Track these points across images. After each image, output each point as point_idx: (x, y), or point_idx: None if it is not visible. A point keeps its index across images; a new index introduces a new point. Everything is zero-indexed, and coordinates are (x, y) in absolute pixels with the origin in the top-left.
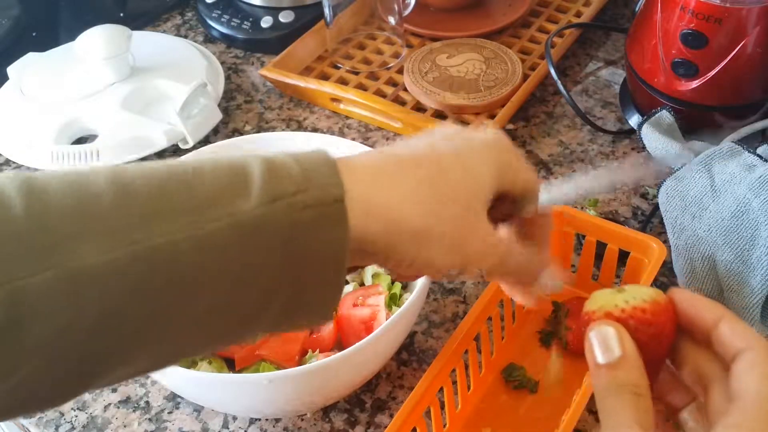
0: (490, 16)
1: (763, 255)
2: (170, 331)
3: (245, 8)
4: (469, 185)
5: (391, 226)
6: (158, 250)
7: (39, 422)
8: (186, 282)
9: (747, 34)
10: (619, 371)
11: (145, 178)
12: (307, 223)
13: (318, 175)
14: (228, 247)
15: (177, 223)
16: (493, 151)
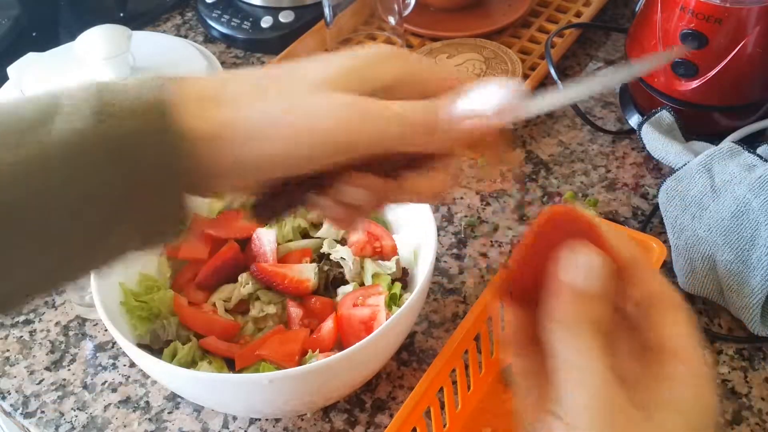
0: (490, 16)
1: (763, 255)
2: (9, 257)
3: (245, 8)
4: (302, 76)
5: (225, 125)
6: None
7: (39, 422)
8: (11, 211)
9: (747, 34)
10: (592, 304)
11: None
12: (132, 133)
13: (143, 88)
14: (49, 170)
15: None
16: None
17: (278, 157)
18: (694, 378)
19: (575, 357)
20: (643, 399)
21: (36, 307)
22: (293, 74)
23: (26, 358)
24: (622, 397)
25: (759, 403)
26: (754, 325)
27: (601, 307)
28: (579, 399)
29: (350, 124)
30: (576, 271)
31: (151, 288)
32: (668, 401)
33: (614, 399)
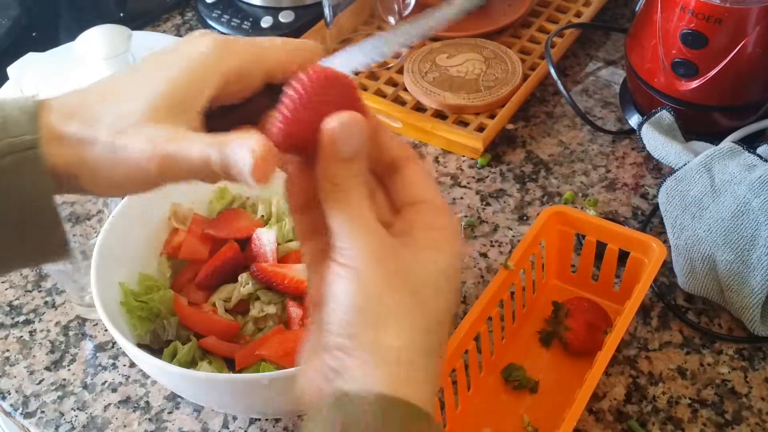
0: (490, 16)
1: (763, 255)
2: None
3: (245, 8)
4: (152, 84)
5: (79, 161)
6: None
7: (39, 422)
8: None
9: (747, 34)
10: (356, 163)
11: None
12: (8, 169)
13: (14, 124)
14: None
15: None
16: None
17: (120, 187)
18: (443, 221)
19: (345, 209)
20: (406, 242)
21: (36, 308)
22: (126, 96)
23: (26, 358)
24: (390, 239)
25: (759, 403)
26: (754, 325)
27: (362, 165)
28: (353, 243)
29: (148, 169)
30: (341, 136)
31: (151, 288)
32: (425, 240)
33: (383, 240)
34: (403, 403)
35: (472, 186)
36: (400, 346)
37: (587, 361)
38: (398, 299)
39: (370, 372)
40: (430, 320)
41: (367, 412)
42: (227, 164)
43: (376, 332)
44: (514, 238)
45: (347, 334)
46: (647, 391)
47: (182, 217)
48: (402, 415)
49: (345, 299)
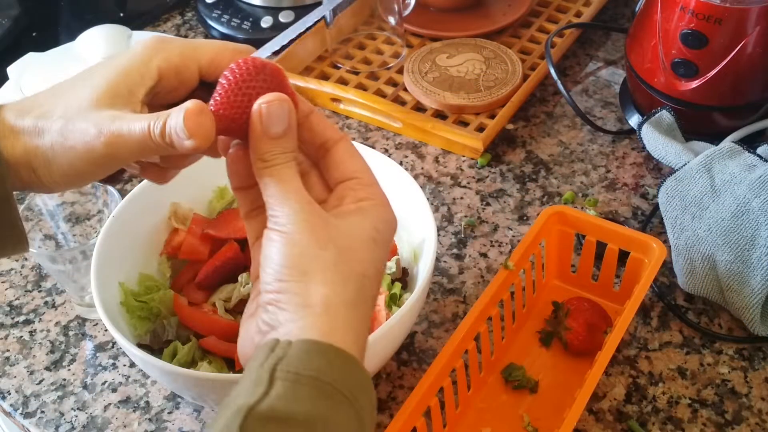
0: (490, 16)
1: (763, 255)
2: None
3: (245, 8)
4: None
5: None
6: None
7: (39, 422)
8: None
9: (747, 34)
10: (284, 140)
11: None
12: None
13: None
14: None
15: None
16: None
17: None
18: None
19: (277, 182)
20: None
21: (36, 308)
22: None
23: (26, 358)
24: (319, 208)
25: (759, 403)
26: (754, 325)
27: (291, 142)
28: (283, 210)
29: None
30: (268, 115)
31: (151, 288)
32: (354, 209)
33: (312, 207)
34: (326, 346)
35: (472, 186)
36: (325, 297)
37: (587, 361)
38: (324, 256)
39: (297, 321)
40: (354, 275)
41: (292, 355)
42: (165, 131)
43: (304, 285)
44: (514, 238)
45: (278, 289)
46: (647, 391)
47: (182, 217)
48: (324, 355)
49: (276, 258)
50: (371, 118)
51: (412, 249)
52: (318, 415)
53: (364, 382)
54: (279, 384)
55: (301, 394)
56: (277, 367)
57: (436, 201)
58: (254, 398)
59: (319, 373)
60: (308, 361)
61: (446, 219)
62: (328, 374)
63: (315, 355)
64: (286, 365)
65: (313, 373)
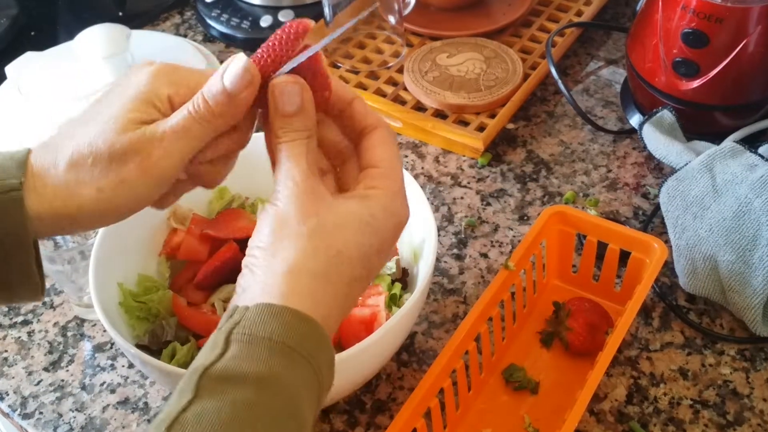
0: (491, 15)
1: (764, 255)
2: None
3: (244, 7)
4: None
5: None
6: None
7: (37, 423)
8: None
9: (748, 34)
10: (296, 119)
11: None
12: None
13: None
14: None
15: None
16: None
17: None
18: (387, 182)
19: (286, 157)
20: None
21: (34, 308)
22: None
23: (24, 359)
24: (318, 186)
25: (761, 403)
26: (756, 326)
27: (301, 121)
28: (282, 187)
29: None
30: (282, 93)
31: (150, 288)
32: (360, 194)
33: (308, 184)
34: (280, 308)
35: (473, 186)
36: (290, 262)
37: (588, 361)
38: (304, 227)
39: (260, 283)
40: (330, 248)
41: (248, 318)
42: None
43: (275, 251)
44: (515, 238)
45: (254, 254)
46: (648, 391)
47: (181, 217)
48: (278, 316)
49: (262, 226)
50: None
51: (412, 249)
52: (271, 374)
53: (321, 341)
54: (234, 346)
55: (255, 355)
56: (233, 331)
57: (436, 201)
58: (210, 359)
59: (273, 334)
60: (262, 324)
61: (446, 219)
62: (283, 335)
63: (269, 317)
64: (242, 328)
65: (267, 334)
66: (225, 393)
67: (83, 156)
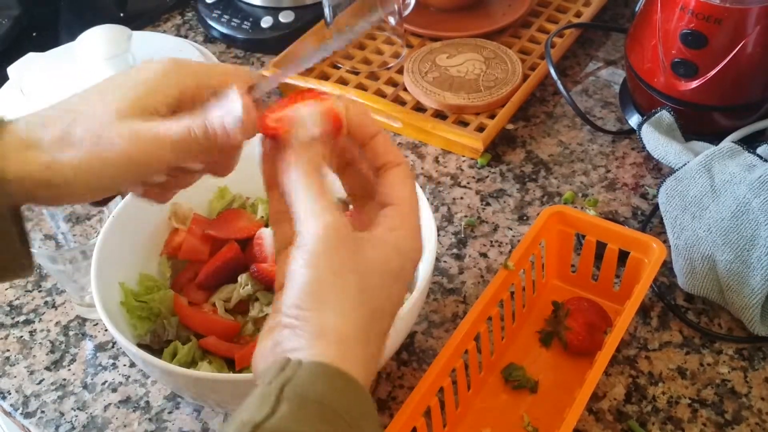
0: (490, 16)
1: (763, 255)
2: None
3: (245, 8)
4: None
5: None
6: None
7: (39, 422)
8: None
9: (747, 34)
10: (312, 148)
11: None
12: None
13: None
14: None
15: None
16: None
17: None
18: (408, 223)
19: (306, 188)
20: (369, 237)
21: (36, 307)
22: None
23: (26, 358)
24: (348, 228)
25: (759, 403)
26: (754, 325)
27: (318, 151)
28: (309, 228)
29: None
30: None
31: (152, 288)
32: (385, 237)
33: (339, 228)
34: (334, 370)
35: (472, 186)
36: (339, 330)
37: (587, 361)
38: (344, 285)
39: (310, 349)
40: (371, 308)
41: (301, 377)
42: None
43: (320, 313)
44: (514, 238)
45: (296, 316)
46: (647, 391)
47: (182, 217)
48: (331, 380)
49: (297, 282)
50: None
51: None
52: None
53: (368, 410)
54: (285, 405)
55: (305, 417)
56: (285, 388)
57: (436, 201)
58: (261, 416)
59: (324, 398)
60: (314, 385)
61: (446, 219)
62: (333, 400)
63: (322, 378)
64: (294, 386)
65: (318, 397)
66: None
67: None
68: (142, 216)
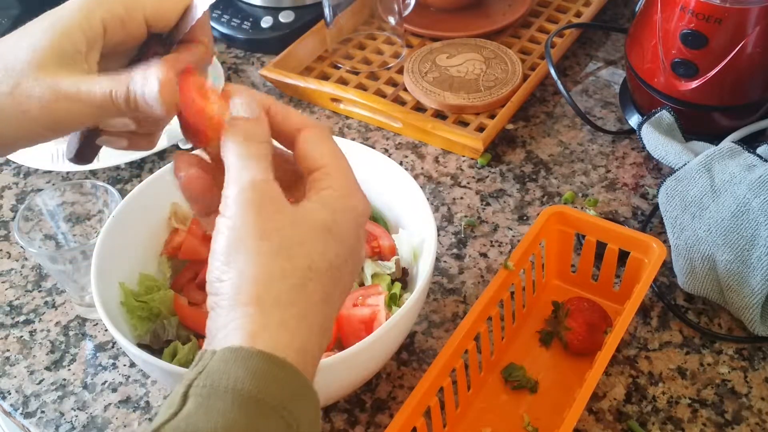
0: (490, 16)
1: (763, 255)
2: None
3: (245, 8)
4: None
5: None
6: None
7: (39, 422)
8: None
9: (747, 34)
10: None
11: None
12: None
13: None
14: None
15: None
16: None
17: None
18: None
19: (233, 161)
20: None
21: (36, 307)
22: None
23: (26, 358)
24: (275, 191)
25: (759, 403)
26: (754, 325)
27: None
28: (231, 192)
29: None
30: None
31: (152, 288)
32: (315, 200)
33: (264, 189)
34: (249, 352)
35: (472, 186)
36: (257, 295)
37: (587, 361)
38: (263, 248)
39: (228, 325)
40: (296, 269)
41: (212, 366)
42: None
43: (237, 283)
44: (514, 238)
45: (216, 291)
46: (647, 391)
47: (182, 217)
48: (246, 363)
49: (215, 250)
50: (371, 118)
51: (412, 249)
52: (230, 430)
53: (298, 388)
54: (191, 401)
55: (213, 410)
56: (194, 383)
57: (436, 201)
58: (163, 418)
59: (238, 384)
60: (227, 373)
61: (446, 219)
62: (248, 384)
63: (235, 364)
64: (203, 379)
65: (230, 384)
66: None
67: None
68: (142, 216)
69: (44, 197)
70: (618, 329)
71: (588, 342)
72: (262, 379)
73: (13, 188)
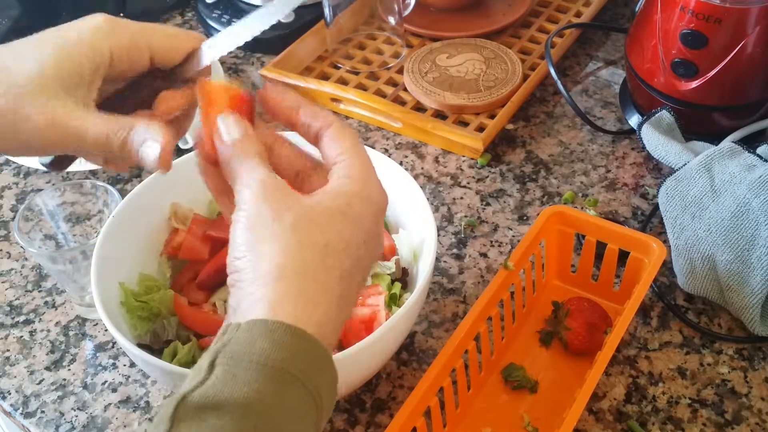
0: (490, 16)
1: (763, 255)
2: None
3: (245, 8)
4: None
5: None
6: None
7: (39, 422)
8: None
9: (747, 34)
10: (243, 143)
11: None
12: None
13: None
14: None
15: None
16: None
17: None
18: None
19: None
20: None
21: (36, 307)
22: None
23: (26, 358)
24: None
25: (759, 403)
26: (754, 325)
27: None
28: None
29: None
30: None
31: (152, 288)
32: (334, 186)
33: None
34: (273, 324)
35: (472, 186)
36: (276, 266)
37: (587, 361)
38: (279, 224)
39: (249, 297)
40: (313, 243)
41: (238, 338)
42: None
43: (256, 257)
44: (514, 238)
45: (236, 269)
46: (647, 391)
47: (182, 217)
48: (270, 335)
49: (235, 238)
50: (371, 118)
51: (412, 249)
52: (256, 399)
53: (319, 359)
54: (218, 370)
55: (240, 379)
56: (220, 353)
57: (436, 201)
58: (190, 386)
59: (261, 356)
60: (251, 344)
61: (446, 219)
62: (273, 355)
63: (260, 336)
64: (230, 350)
65: (255, 355)
66: (203, 423)
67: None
68: (142, 216)
69: (44, 197)
70: (618, 329)
71: (588, 342)
72: (285, 350)
73: (13, 188)
